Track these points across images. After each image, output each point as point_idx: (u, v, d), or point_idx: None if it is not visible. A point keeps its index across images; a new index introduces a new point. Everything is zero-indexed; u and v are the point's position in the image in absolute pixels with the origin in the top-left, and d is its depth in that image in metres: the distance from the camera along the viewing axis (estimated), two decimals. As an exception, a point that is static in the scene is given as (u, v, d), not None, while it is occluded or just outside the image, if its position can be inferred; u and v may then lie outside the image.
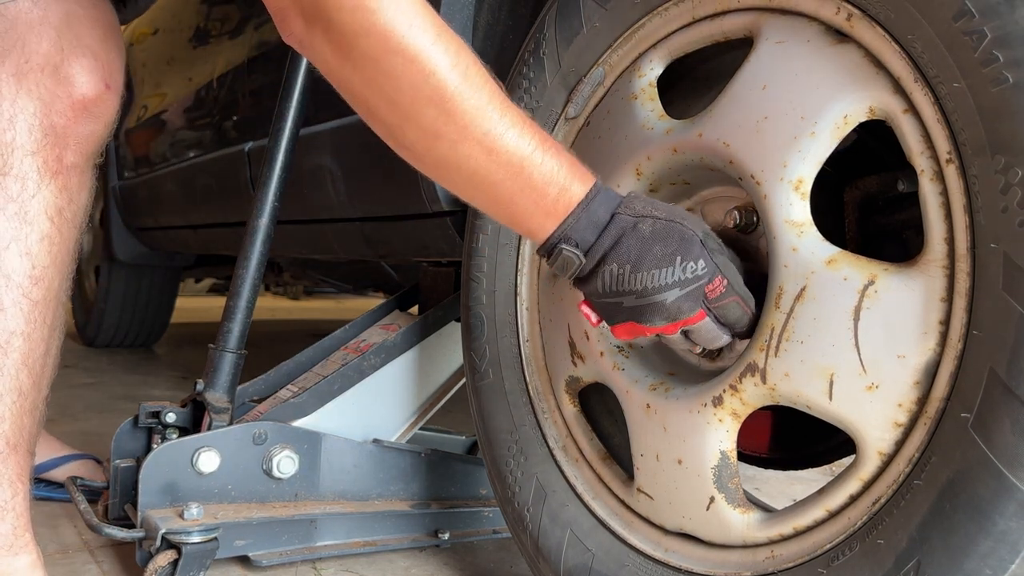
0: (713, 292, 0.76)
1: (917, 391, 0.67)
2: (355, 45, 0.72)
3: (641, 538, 0.90)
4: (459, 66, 0.73)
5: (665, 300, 0.75)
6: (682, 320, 0.77)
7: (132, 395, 2.48)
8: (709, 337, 0.80)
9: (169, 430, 1.29)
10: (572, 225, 0.76)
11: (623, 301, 0.77)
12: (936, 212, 0.67)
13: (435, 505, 1.35)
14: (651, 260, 0.75)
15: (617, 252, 0.76)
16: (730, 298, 0.77)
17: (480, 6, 1.18)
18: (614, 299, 0.77)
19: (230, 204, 2.05)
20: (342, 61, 0.74)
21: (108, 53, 0.99)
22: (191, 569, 1.08)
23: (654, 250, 0.75)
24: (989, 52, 0.61)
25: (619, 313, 0.78)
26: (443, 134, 0.74)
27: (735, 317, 0.78)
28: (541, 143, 0.76)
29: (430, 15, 0.73)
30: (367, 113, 0.78)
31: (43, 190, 0.92)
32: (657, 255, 0.75)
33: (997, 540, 0.60)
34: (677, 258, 0.74)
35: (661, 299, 0.75)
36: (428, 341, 1.44)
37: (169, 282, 3.39)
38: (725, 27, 0.85)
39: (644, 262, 0.75)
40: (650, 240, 0.75)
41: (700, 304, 0.76)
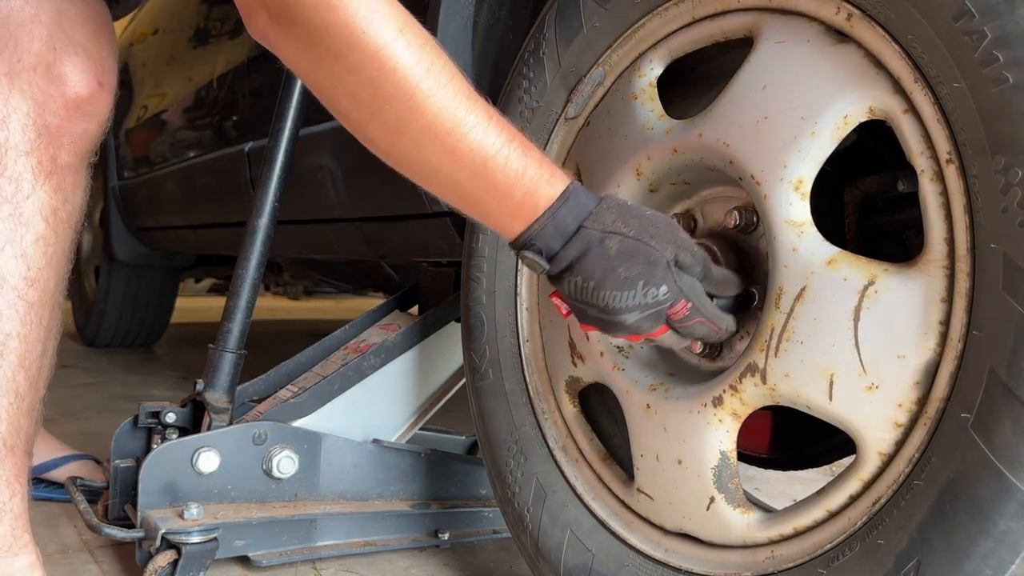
0: (676, 315, 0.76)
1: (917, 391, 0.67)
2: (317, 40, 0.71)
3: (641, 538, 0.90)
4: (423, 62, 0.71)
5: (625, 320, 0.75)
6: (642, 335, 0.77)
7: (132, 395, 2.48)
8: (673, 344, 0.81)
9: (169, 430, 1.29)
10: (537, 232, 0.76)
11: (588, 311, 0.77)
12: (936, 212, 0.67)
13: (435, 505, 1.35)
14: (613, 280, 0.74)
15: (581, 266, 0.75)
16: (695, 319, 0.76)
17: (480, 6, 1.18)
18: (579, 304, 0.77)
19: (230, 204, 2.05)
20: (305, 56, 0.74)
21: (100, 50, 0.99)
22: (191, 569, 1.08)
23: (618, 271, 0.74)
24: (989, 52, 0.61)
25: (585, 317, 0.78)
26: (405, 132, 0.73)
27: (701, 334, 0.79)
28: (508, 142, 0.74)
29: (394, 8, 0.72)
30: (332, 108, 0.78)
31: (38, 191, 0.92)
32: (620, 276, 0.74)
33: (997, 540, 0.60)
34: (640, 282, 0.73)
35: (621, 319, 0.75)
36: (428, 341, 1.44)
37: (169, 282, 3.39)
38: (725, 27, 0.85)
39: (606, 282, 0.74)
40: (615, 259, 0.74)
41: (661, 322, 0.76)
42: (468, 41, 1.19)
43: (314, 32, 0.71)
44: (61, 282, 1.00)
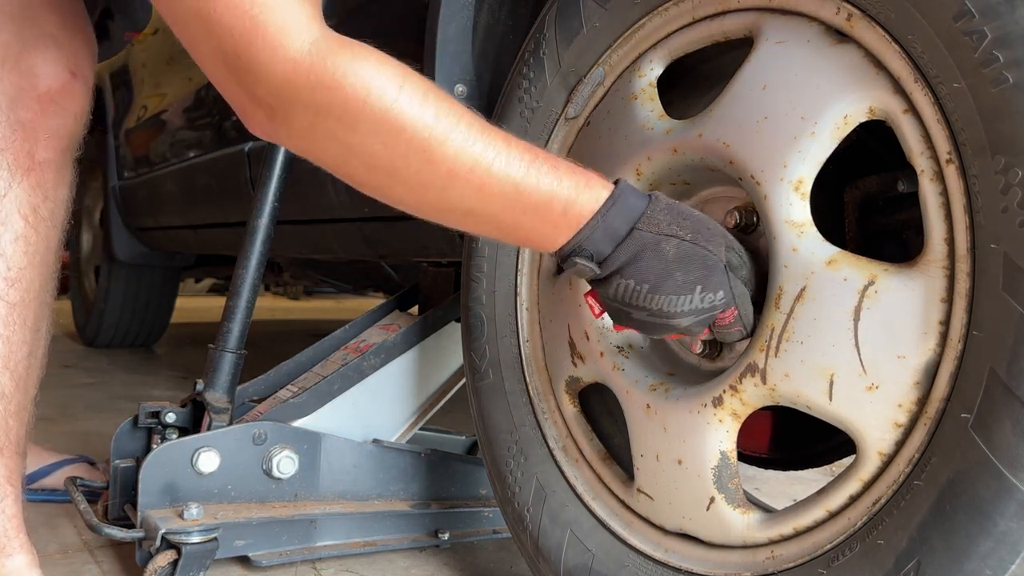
0: (723, 320, 0.77)
1: (917, 391, 0.67)
2: (320, 124, 0.71)
3: (641, 538, 0.90)
4: (428, 111, 0.71)
5: (679, 324, 0.75)
6: (684, 335, 0.79)
7: (132, 395, 2.48)
8: (697, 335, 0.81)
9: (169, 430, 1.29)
10: (586, 237, 0.75)
11: (634, 313, 0.76)
12: (936, 212, 0.67)
13: (435, 505, 1.35)
14: (672, 285, 0.73)
15: (636, 269, 0.74)
16: (735, 327, 0.77)
17: (480, 7, 1.18)
18: (626, 308, 0.76)
19: (230, 204, 2.05)
20: (312, 141, 0.73)
21: (72, 39, 0.96)
22: (191, 569, 1.08)
23: (676, 276, 0.73)
24: (989, 52, 0.61)
25: (627, 320, 0.78)
26: (429, 184, 0.72)
27: (734, 338, 0.80)
28: (532, 162, 0.74)
29: (389, 67, 0.71)
30: (350, 180, 0.77)
31: (15, 188, 0.91)
32: (679, 281, 0.73)
33: (997, 541, 0.60)
34: (698, 287, 0.73)
35: (675, 323, 0.75)
36: (428, 341, 1.44)
37: (169, 282, 3.39)
38: (725, 27, 0.85)
39: (664, 286, 0.73)
40: (673, 264, 0.73)
41: (709, 323, 0.78)
42: (468, 42, 1.19)
43: (315, 117, 0.70)
44: (48, 281, 0.99)
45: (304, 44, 0.68)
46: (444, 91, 0.73)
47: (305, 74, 0.68)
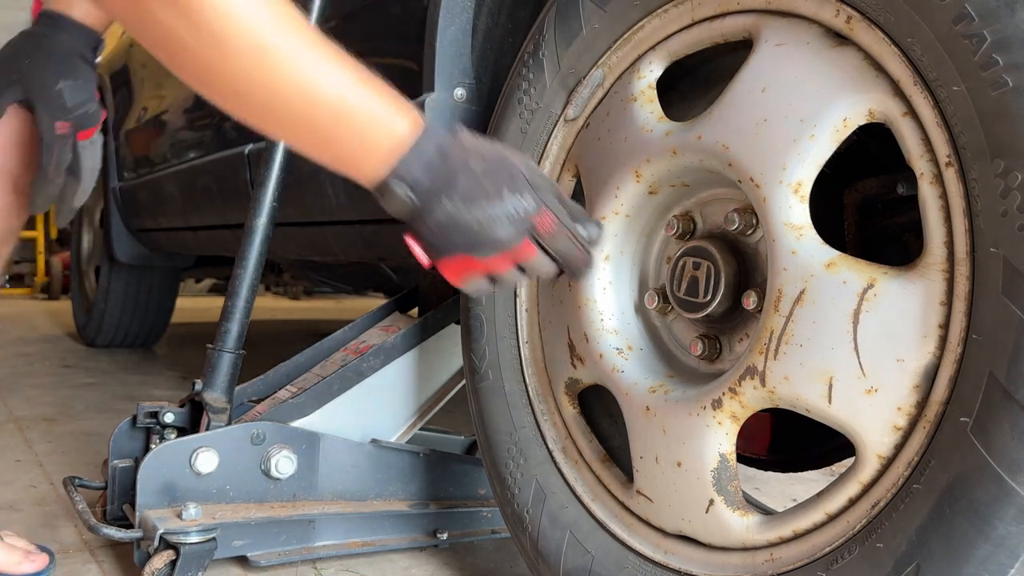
0: (542, 226, 0.78)
1: (916, 395, 0.67)
2: None
3: (640, 540, 0.90)
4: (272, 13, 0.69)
5: (496, 232, 0.77)
6: (512, 250, 0.79)
7: (132, 395, 2.48)
8: (540, 269, 0.81)
9: (167, 430, 1.29)
10: (404, 164, 0.75)
11: (454, 236, 0.77)
12: (935, 215, 0.67)
13: (434, 505, 1.35)
14: (482, 193, 0.76)
15: (449, 188, 0.76)
16: (560, 231, 0.79)
17: (479, 9, 1.18)
18: (446, 233, 0.77)
19: (230, 205, 2.04)
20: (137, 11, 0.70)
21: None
22: (189, 569, 1.08)
23: (484, 185, 0.76)
24: (989, 56, 0.61)
25: (450, 247, 0.78)
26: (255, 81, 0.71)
27: (563, 248, 0.80)
28: (360, 77, 0.74)
29: None
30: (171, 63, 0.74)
31: None
32: (487, 189, 0.76)
33: (996, 544, 0.60)
34: (504, 189, 0.77)
35: (495, 232, 0.77)
36: (427, 343, 1.44)
37: (169, 282, 3.39)
38: (725, 29, 0.85)
39: (476, 196, 0.76)
40: (481, 176, 0.76)
41: (528, 236, 0.78)
42: (467, 44, 1.19)
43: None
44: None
45: None
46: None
47: None
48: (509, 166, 0.78)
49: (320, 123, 0.73)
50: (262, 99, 0.73)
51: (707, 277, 0.85)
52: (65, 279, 6.29)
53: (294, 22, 0.71)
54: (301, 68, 0.71)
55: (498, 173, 0.77)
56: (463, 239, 0.77)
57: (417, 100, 1.21)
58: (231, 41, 0.69)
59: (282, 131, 0.77)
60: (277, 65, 0.70)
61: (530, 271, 0.81)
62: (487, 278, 0.82)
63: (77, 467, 1.68)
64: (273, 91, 0.72)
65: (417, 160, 0.75)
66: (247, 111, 0.75)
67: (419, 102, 1.20)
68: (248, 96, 0.73)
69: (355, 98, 0.73)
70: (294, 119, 0.74)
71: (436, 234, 0.78)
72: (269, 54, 0.70)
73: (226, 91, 0.74)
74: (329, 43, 0.73)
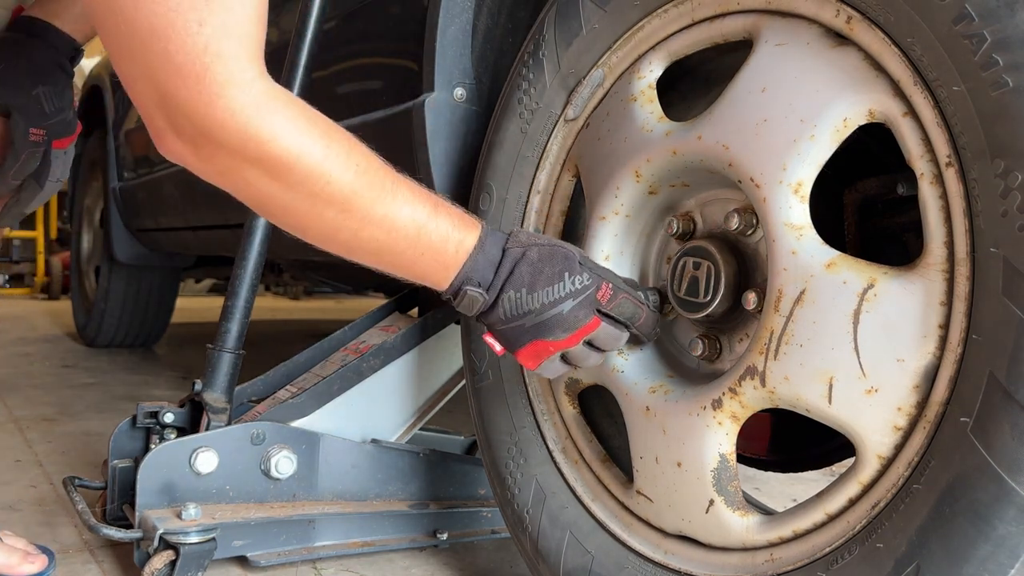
0: (604, 297, 0.84)
1: (916, 395, 0.67)
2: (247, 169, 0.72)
3: (640, 540, 0.90)
4: (350, 166, 0.75)
5: (562, 311, 0.82)
6: (580, 328, 0.83)
7: (132, 395, 2.48)
8: (610, 340, 0.86)
9: (167, 430, 1.29)
10: (472, 268, 0.83)
11: (524, 323, 0.83)
12: (936, 216, 0.67)
13: (433, 505, 1.35)
14: (543, 280, 0.82)
15: (513, 280, 0.83)
16: (620, 295, 0.85)
17: (479, 9, 1.18)
18: (516, 323, 0.83)
19: (229, 205, 2.04)
20: (227, 181, 0.75)
21: None
22: (189, 569, 1.08)
23: (544, 271, 0.83)
24: (989, 56, 0.61)
25: (523, 335, 0.84)
26: (343, 227, 0.78)
27: (630, 312, 0.85)
28: (433, 208, 0.81)
29: (317, 122, 0.74)
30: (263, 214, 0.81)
31: None
32: (548, 275, 0.83)
33: (996, 545, 0.60)
34: (565, 274, 0.83)
35: (558, 311, 0.82)
36: (427, 343, 1.44)
37: (169, 282, 3.39)
38: (725, 29, 0.85)
39: (538, 283, 0.82)
40: (539, 263, 0.83)
41: (593, 311, 0.83)
42: (467, 44, 1.19)
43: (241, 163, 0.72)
44: None
45: (247, 98, 0.70)
46: (364, 146, 0.78)
47: (242, 127, 0.69)
48: (564, 252, 0.84)
49: (402, 254, 0.81)
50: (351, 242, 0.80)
51: (707, 277, 0.85)
52: (65, 279, 6.28)
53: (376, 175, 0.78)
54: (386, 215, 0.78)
55: (554, 259, 0.83)
56: (532, 324, 0.83)
57: (417, 100, 1.21)
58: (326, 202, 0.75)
59: (369, 262, 0.84)
60: (364, 216, 0.77)
61: (601, 344, 0.86)
62: (561, 360, 0.86)
63: (77, 467, 1.68)
64: (361, 237, 0.79)
65: (483, 263, 0.83)
66: (335, 249, 0.82)
67: (419, 102, 1.20)
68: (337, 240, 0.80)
69: (430, 226, 0.81)
70: (380, 253, 0.81)
71: (508, 324, 0.84)
72: (358, 210, 0.77)
73: (318, 238, 0.80)
74: (405, 180, 0.81)
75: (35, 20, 1.06)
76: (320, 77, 1.46)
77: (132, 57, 0.69)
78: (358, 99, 1.43)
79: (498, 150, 1.09)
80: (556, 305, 0.82)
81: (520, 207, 1.06)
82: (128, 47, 0.68)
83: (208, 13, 0.66)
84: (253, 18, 0.70)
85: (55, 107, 1.05)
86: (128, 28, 0.67)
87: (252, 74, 0.70)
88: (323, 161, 0.74)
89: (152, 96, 0.70)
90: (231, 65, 0.68)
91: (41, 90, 1.04)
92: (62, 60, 1.07)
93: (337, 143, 0.75)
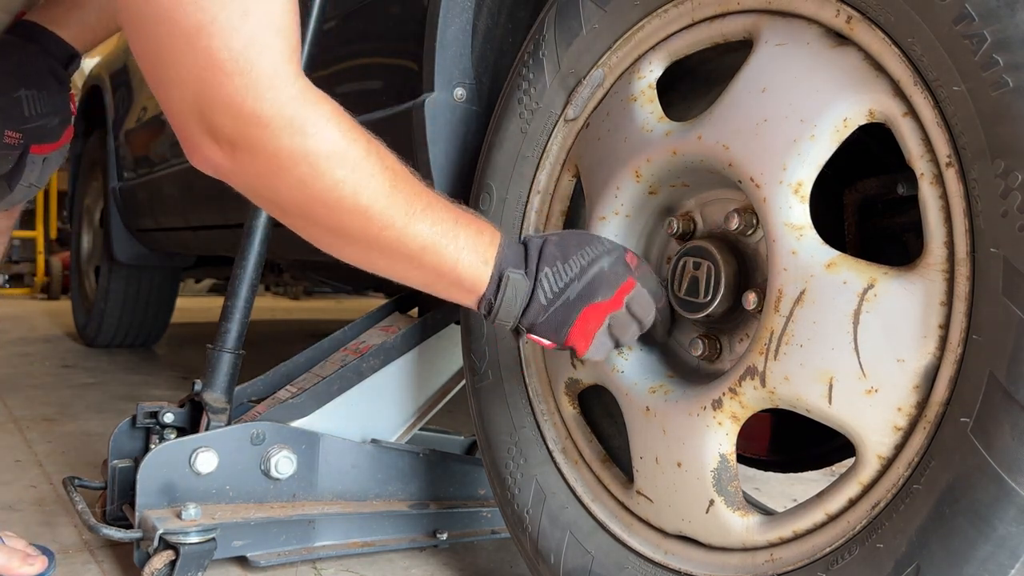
0: (632, 261, 0.86)
1: (916, 395, 0.67)
2: (288, 170, 0.71)
3: (641, 540, 0.90)
4: (388, 166, 0.75)
5: (604, 267, 0.84)
6: (622, 284, 0.84)
7: (132, 395, 2.48)
8: (645, 306, 0.86)
9: (167, 430, 1.29)
10: (503, 258, 0.83)
11: (569, 294, 0.83)
12: (936, 216, 0.67)
13: (433, 505, 1.35)
14: (574, 248, 0.84)
15: (545, 257, 0.84)
16: (644, 265, 0.87)
17: (479, 9, 1.18)
18: (561, 298, 0.83)
19: (229, 205, 2.04)
20: (265, 183, 0.73)
21: None
22: (189, 569, 1.08)
23: (571, 243, 0.85)
24: (989, 56, 0.61)
25: (571, 308, 0.83)
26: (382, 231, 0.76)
27: (654, 286, 0.87)
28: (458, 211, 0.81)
29: (355, 122, 0.74)
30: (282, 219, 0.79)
31: None
32: (576, 244, 0.85)
33: (997, 545, 0.60)
34: (591, 239, 0.86)
35: (599, 268, 0.83)
36: (427, 343, 1.44)
37: (169, 282, 3.39)
38: (725, 29, 0.85)
39: (569, 252, 0.84)
40: (563, 240, 0.85)
41: (628, 271, 0.85)
42: (467, 44, 1.19)
43: (284, 162, 0.70)
44: None
45: (294, 90, 0.69)
46: (394, 156, 0.78)
47: (288, 121, 0.68)
48: (579, 230, 0.87)
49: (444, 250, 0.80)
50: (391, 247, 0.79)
51: (707, 277, 0.85)
52: (65, 279, 6.28)
53: (408, 177, 0.78)
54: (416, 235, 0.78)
55: (574, 235, 0.87)
56: (577, 292, 0.83)
57: (417, 100, 1.21)
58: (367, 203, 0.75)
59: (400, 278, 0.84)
60: (398, 237, 0.77)
61: (638, 310, 0.86)
62: (611, 336, 0.86)
63: (77, 467, 1.68)
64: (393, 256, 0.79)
65: (511, 254, 0.83)
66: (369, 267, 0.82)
67: (419, 102, 1.20)
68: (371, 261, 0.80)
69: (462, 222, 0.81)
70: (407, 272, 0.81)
71: (553, 304, 0.83)
72: (398, 212, 0.76)
73: (351, 257, 0.81)
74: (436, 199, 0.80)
75: (34, 25, 1.06)
76: (320, 77, 1.46)
77: (171, 60, 0.67)
78: (358, 99, 1.43)
79: (498, 150, 1.09)
80: (595, 263, 0.83)
81: (520, 207, 1.06)
82: (168, 48, 0.66)
83: (252, 3, 0.66)
84: (290, 12, 0.69)
85: (37, 112, 1.03)
86: (168, 28, 0.65)
87: (295, 68, 0.69)
88: (366, 158, 0.73)
89: (189, 100, 0.68)
90: (276, 59, 0.67)
91: (24, 93, 1.02)
92: (55, 66, 1.05)
93: (375, 144, 0.75)
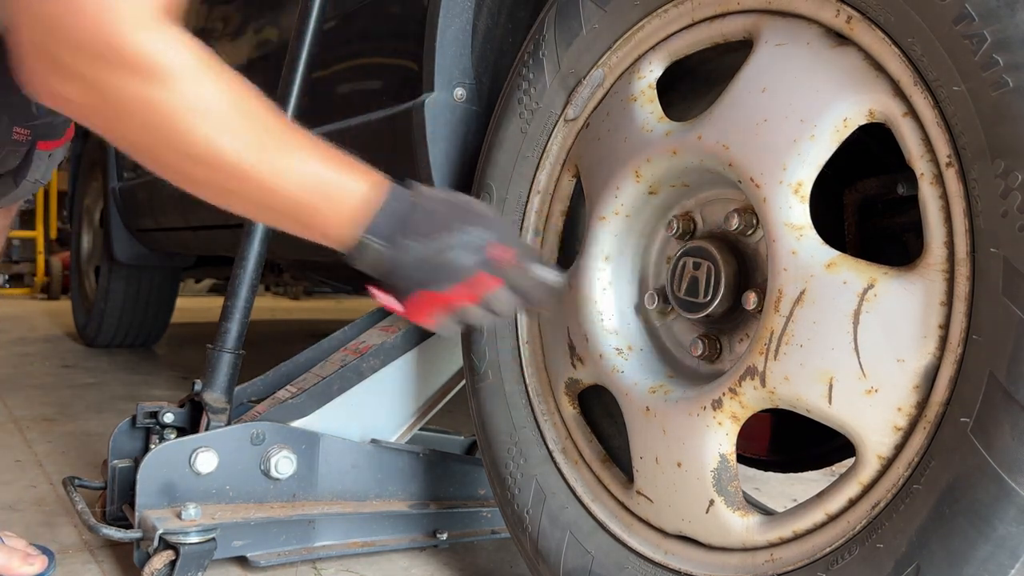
0: (502, 256, 0.81)
1: (916, 395, 0.67)
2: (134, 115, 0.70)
3: (640, 541, 0.90)
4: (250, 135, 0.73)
5: (455, 259, 0.80)
6: (469, 282, 0.80)
7: (132, 395, 2.48)
8: (503, 303, 0.83)
9: (167, 430, 1.29)
10: (372, 223, 0.80)
11: (414, 272, 0.80)
12: (936, 216, 0.67)
13: (433, 505, 1.35)
14: (437, 227, 0.80)
15: (409, 229, 0.80)
16: (519, 268, 0.82)
17: (479, 9, 1.18)
18: (408, 269, 0.80)
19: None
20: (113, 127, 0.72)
21: None
22: (189, 569, 1.08)
23: (438, 220, 0.80)
24: (989, 56, 0.61)
25: (412, 284, 0.81)
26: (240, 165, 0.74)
27: (526, 284, 0.82)
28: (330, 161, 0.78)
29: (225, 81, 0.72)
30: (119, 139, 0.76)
31: None
32: (442, 223, 0.80)
33: (996, 545, 0.60)
34: (456, 221, 0.81)
35: (446, 259, 0.79)
36: (427, 343, 1.44)
37: (169, 282, 3.39)
38: (725, 29, 0.85)
39: (432, 231, 0.80)
40: (435, 213, 0.81)
41: (488, 268, 0.81)
42: (467, 44, 1.19)
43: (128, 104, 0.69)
44: None
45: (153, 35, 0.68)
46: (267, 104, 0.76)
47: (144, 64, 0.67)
48: (465, 204, 0.82)
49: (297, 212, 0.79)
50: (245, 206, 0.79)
51: (707, 277, 0.85)
52: (65, 279, 6.28)
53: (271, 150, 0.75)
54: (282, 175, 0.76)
55: (453, 210, 0.82)
56: (421, 274, 0.80)
57: (417, 100, 1.21)
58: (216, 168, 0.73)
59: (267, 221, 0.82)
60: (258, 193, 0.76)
61: (491, 304, 0.83)
62: (453, 316, 0.83)
63: (77, 467, 1.68)
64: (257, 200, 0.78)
65: (382, 215, 0.79)
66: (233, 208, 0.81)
67: (419, 102, 1.20)
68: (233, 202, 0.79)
69: (328, 179, 0.78)
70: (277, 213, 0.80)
71: (399, 275, 0.81)
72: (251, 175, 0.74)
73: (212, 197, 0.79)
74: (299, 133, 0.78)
75: None
76: (320, 77, 1.46)
77: None
78: (358, 99, 1.43)
79: (498, 150, 1.09)
80: (446, 253, 0.80)
81: (520, 207, 1.06)
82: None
83: None
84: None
85: (44, 109, 1.03)
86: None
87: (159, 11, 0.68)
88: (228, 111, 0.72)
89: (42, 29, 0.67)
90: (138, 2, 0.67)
91: None
92: None
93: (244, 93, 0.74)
